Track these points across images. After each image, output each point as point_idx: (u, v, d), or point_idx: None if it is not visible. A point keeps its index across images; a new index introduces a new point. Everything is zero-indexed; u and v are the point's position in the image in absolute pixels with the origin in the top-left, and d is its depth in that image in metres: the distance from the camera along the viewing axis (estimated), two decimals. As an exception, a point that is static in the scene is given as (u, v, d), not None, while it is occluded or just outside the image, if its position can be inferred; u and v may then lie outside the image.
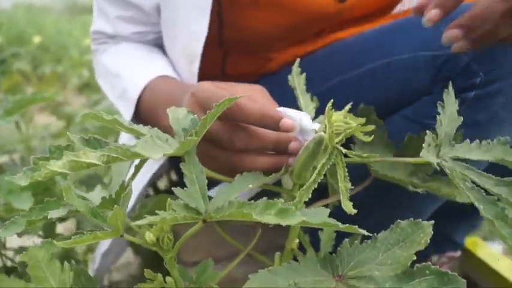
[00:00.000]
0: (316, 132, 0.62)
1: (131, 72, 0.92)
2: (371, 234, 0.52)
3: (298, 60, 0.81)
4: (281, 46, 1.01)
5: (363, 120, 0.60)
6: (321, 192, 0.65)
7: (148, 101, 0.85)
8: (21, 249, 0.98)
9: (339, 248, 0.54)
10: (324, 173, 0.56)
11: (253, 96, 0.67)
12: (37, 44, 4.48)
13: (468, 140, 0.62)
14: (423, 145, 0.59)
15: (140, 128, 0.56)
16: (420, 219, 0.54)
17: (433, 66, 0.78)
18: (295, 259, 0.66)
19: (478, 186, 0.57)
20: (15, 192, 0.91)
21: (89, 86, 3.69)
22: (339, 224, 0.46)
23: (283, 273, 0.51)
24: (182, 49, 0.92)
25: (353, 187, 0.58)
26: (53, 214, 0.57)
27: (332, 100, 0.58)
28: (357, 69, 0.88)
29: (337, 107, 0.61)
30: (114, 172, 0.68)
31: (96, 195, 0.68)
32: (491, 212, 0.54)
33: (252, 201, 0.48)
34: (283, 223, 0.43)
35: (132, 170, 0.63)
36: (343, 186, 0.57)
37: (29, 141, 1.96)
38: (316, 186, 0.56)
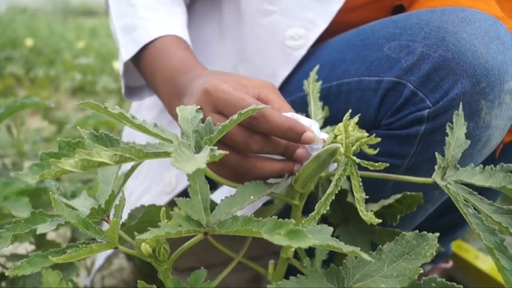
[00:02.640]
0: (324, 141, 0.61)
1: (148, 13, 0.86)
2: (373, 260, 0.52)
3: (317, 66, 0.79)
4: None
5: (365, 133, 0.59)
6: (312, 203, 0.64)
7: (152, 60, 0.81)
8: (12, 257, 0.96)
9: (344, 261, 0.54)
10: (341, 184, 0.56)
11: (264, 94, 0.66)
12: (30, 47, 4.46)
13: (472, 164, 0.60)
14: (435, 167, 0.59)
15: (146, 124, 0.53)
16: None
17: (377, 94, 0.74)
18: (290, 267, 0.65)
19: (477, 211, 0.57)
20: (12, 199, 0.89)
21: (82, 89, 3.68)
22: (343, 246, 0.45)
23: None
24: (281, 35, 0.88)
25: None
26: (42, 229, 0.55)
27: (350, 110, 0.58)
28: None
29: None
30: (101, 180, 0.66)
31: (81, 203, 0.66)
32: (490, 241, 0.54)
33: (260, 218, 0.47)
34: (294, 245, 0.42)
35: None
36: (359, 196, 0.57)
37: (21, 145, 1.93)
38: (333, 197, 0.55)
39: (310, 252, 0.69)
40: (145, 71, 0.83)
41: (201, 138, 0.55)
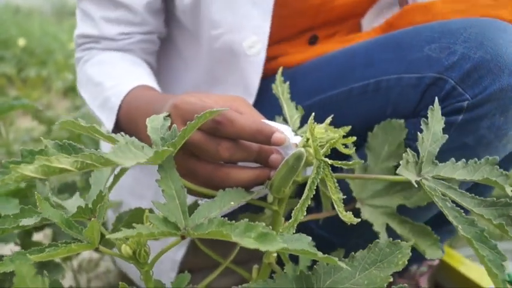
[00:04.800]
0: (296, 146, 0.61)
1: (113, 81, 0.89)
2: (349, 268, 0.52)
3: (281, 68, 0.82)
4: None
5: (342, 132, 0.60)
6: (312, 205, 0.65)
7: (129, 111, 0.83)
8: (-3, 257, 0.96)
9: (315, 266, 0.54)
10: (315, 187, 0.56)
11: (235, 107, 0.66)
12: (22, 47, 4.44)
13: (453, 159, 0.62)
14: (401, 162, 0.60)
15: (117, 136, 0.55)
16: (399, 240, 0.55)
17: (418, 89, 0.78)
18: (274, 272, 0.65)
19: (458, 205, 0.57)
20: (2, 200, 0.89)
21: (74, 90, 3.65)
22: (318, 253, 0.45)
23: (258, 291, 0.50)
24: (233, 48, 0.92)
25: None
26: (26, 222, 0.56)
27: (313, 114, 0.58)
28: (346, 86, 0.88)
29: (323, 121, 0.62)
30: (93, 181, 0.67)
31: (72, 203, 0.67)
32: (469, 232, 0.54)
33: (233, 221, 0.47)
34: (263, 248, 0.42)
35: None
36: (336, 197, 0.57)
37: (10, 145, 1.92)
38: (309, 202, 0.55)
39: (295, 257, 0.69)
40: (128, 126, 0.84)
41: (167, 145, 0.56)
